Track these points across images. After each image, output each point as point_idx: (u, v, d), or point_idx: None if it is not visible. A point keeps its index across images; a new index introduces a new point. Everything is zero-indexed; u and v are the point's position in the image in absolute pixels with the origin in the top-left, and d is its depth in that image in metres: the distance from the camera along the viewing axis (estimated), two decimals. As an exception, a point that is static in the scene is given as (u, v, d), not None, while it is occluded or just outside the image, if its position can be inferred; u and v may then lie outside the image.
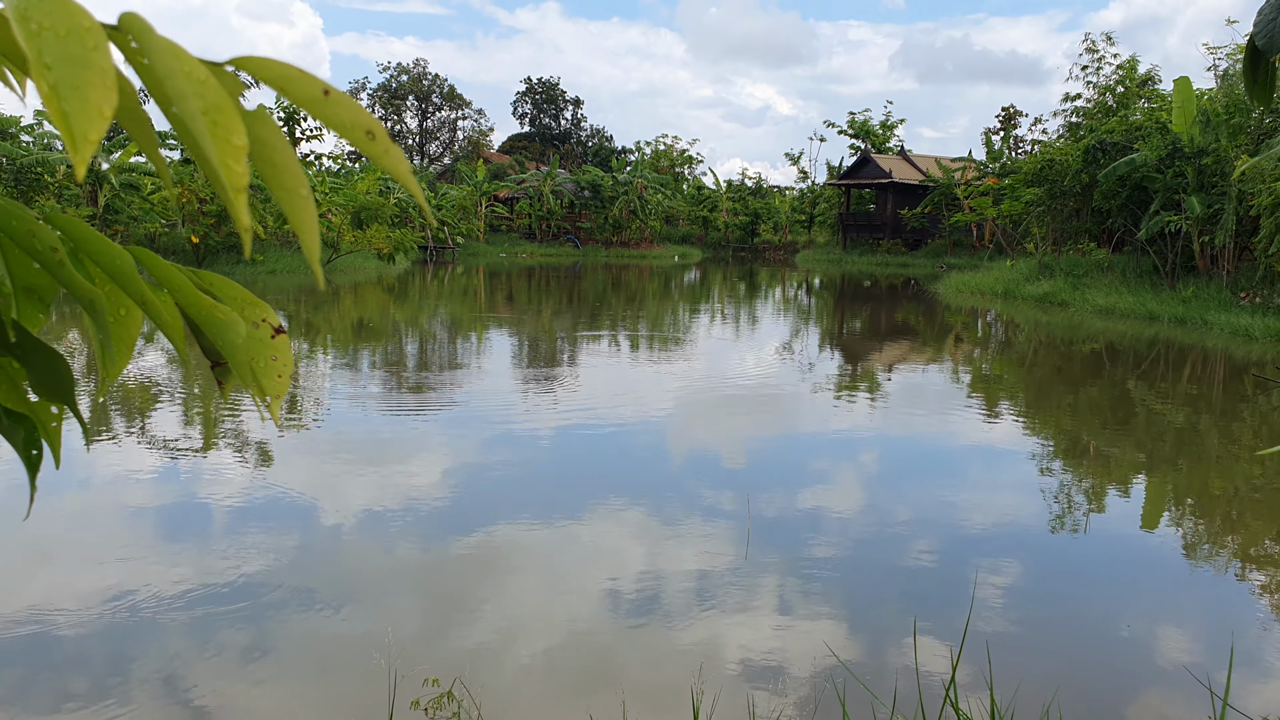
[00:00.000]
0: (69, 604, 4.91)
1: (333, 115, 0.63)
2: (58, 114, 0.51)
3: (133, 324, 0.78)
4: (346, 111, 0.63)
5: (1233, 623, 5.15)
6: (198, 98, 0.56)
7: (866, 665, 4.44)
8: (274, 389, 0.81)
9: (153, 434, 8.74)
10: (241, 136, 0.58)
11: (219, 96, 0.58)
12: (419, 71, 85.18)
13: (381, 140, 0.63)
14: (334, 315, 20.77)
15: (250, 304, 0.80)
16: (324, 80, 0.63)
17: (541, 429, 9.56)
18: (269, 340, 0.81)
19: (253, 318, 0.80)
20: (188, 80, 0.56)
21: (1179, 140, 23.89)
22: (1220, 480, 8.26)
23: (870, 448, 9.28)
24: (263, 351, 0.81)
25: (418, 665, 4.18)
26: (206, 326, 0.75)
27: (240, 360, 0.77)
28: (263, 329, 0.81)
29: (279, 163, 0.63)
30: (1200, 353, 16.89)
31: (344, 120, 0.63)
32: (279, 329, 0.82)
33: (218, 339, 0.76)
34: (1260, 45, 2.43)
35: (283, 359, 0.81)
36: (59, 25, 0.52)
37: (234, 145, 0.57)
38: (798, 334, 20.46)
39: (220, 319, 0.75)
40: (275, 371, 0.81)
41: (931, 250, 52.54)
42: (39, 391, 0.76)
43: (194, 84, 0.57)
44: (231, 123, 0.58)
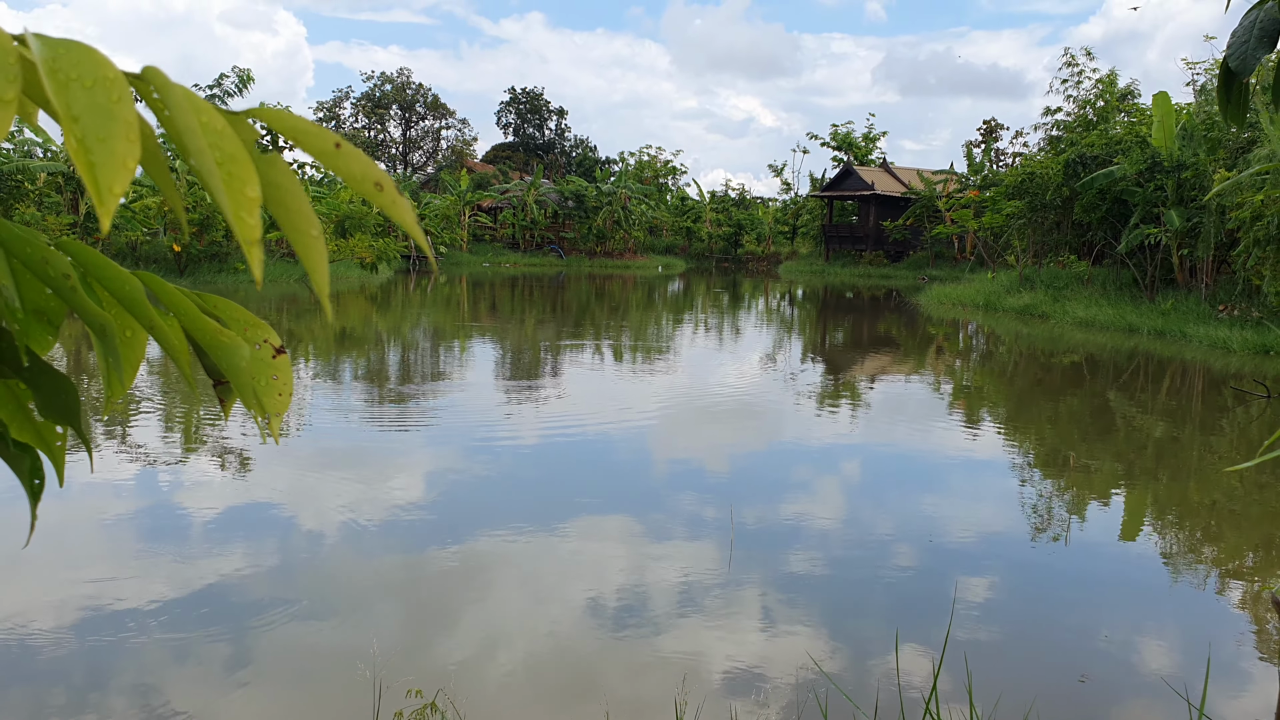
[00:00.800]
0: (50, 615, 4.89)
1: (344, 167, 0.66)
2: (85, 165, 0.54)
3: (138, 346, 0.81)
4: (357, 164, 0.65)
5: (1210, 634, 5.21)
6: (215, 149, 0.59)
7: (849, 675, 4.47)
8: (275, 407, 0.84)
9: (136, 446, 8.71)
10: (255, 189, 0.61)
11: (235, 147, 0.60)
12: (403, 81, 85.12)
13: (389, 192, 0.66)
14: (316, 324, 20.73)
15: (253, 325, 0.83)
16: (335, 134, 0.65)
17: (524, 440, 9.57)
18: (270, 360, 0.84)
19: (255, 339, 0.83)
20: (207, 133, 0.58)
21: (1158, 154, 24.13)
22: (1199, 492, 8.34)
23: (852, 459, 9.33)
24: (264, 371, 0.83)
25: (402, 676, 4.19)
26: (211, 350, 0.78)
27: (243, 382, 0.80)
28: (264, 349, 0.84)
29: (292, 206, 0.66)
30: (1179, 365, 17.04)
31: (354, 172, 0.66)
32: (280, 349, 0.85)
33: (222, 361, 0.78)
34: (1233, 67, 2.49)
35: (284, 378, 0.84)
36: (85, 76, 0.54)
37: (248, 197, 0.60)
38: (781, 345, 20.53)
39: (225, 343, 0.77)
40: (276, 390, 0.84)
41: (913, 262, 52.78)
42: (45, 414, 0.78)
43: (211, 135, 0.59)
44: (246, 174, 0.60)
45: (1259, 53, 2.46)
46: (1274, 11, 2.43)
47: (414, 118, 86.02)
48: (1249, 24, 2.51)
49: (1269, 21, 2.44)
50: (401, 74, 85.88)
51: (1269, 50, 2.44)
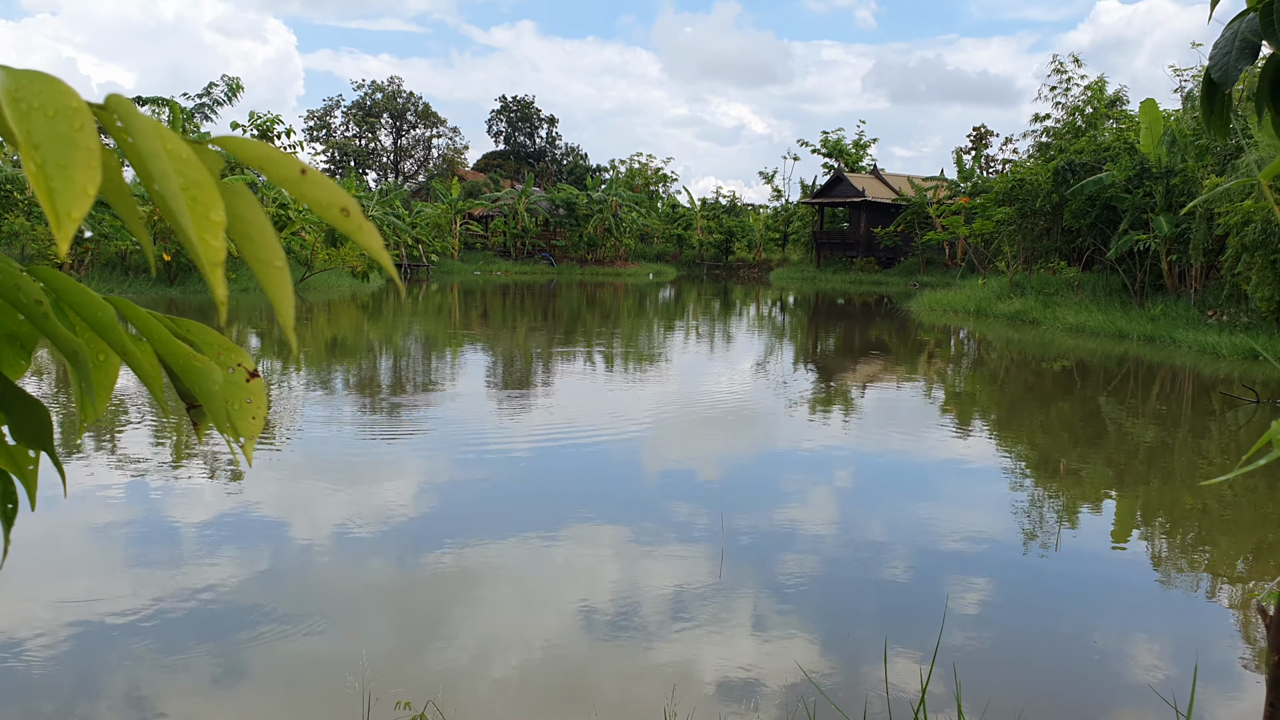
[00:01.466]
0: (38, 625, 4.87)
1: (309, 194, 0.66)
2: (44, 191, 0.54)
3: (111, 369, 0.81)
4: (322, 191, 0.66)
5: (1197, 641, 5.22)
6: (179, 175, 0.59)
7: (840, 684, 4.47)
8: (248, 430, 0.84)
9: (123, 457, 8.67)
10: (219, 213, 0.61)
11: (200, 174, 0.60)
12: (393, 89, 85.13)
13: (355, 217, 0.66)
14: (307, 334, 20.69)
15: (226, 349, 0.83)
16: (301, 160, 0.65)
17: (514, 448, 9.56)
18: (244, 384, 0.84)
19: (228, 362, 0.83)
20: (170, 159, 0.59)
21: (1147, 160, 24.24)
22: (1189, 498, 8.37)
23: (844, 466, 9.33)
24: (238, 395, 0.83)
25: (391, 687, 4.18)
26: (184, 374, 0.78)
27: (216, 406, 0.80)
28: (238, 373, 0.84)
29: (255, 237, 0.66)
30: (1169, 370, 17.10)
31: (320, 199, 0.66)
32: (254, 373, 0.85)
33: (195, 386, 0.78)
34: (1216, 78, 2.50)
35: (257, 402, 0.84)
36: (48, 105, 0.55)
37: (212, 221, 0.60)
38: (773, 352, 20.56)
39: (198, 367, 0.77)
40: (250, 414, 0.84)
41: (904, 268, 52.95)
42: (18, 438, 0.78)
43: (176, 162, 0.59)
44: (210, 199, 0.60)
45: (1241, 64, 2.47)
46: (1255, 24, 2.45)
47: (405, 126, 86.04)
48: (1231, 36, 2.52)
49: (1250, 33, 2.46)
50: (392, 82, 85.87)
51: (1251, 62, 2.45)
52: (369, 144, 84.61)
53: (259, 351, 17.62)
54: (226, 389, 0.82)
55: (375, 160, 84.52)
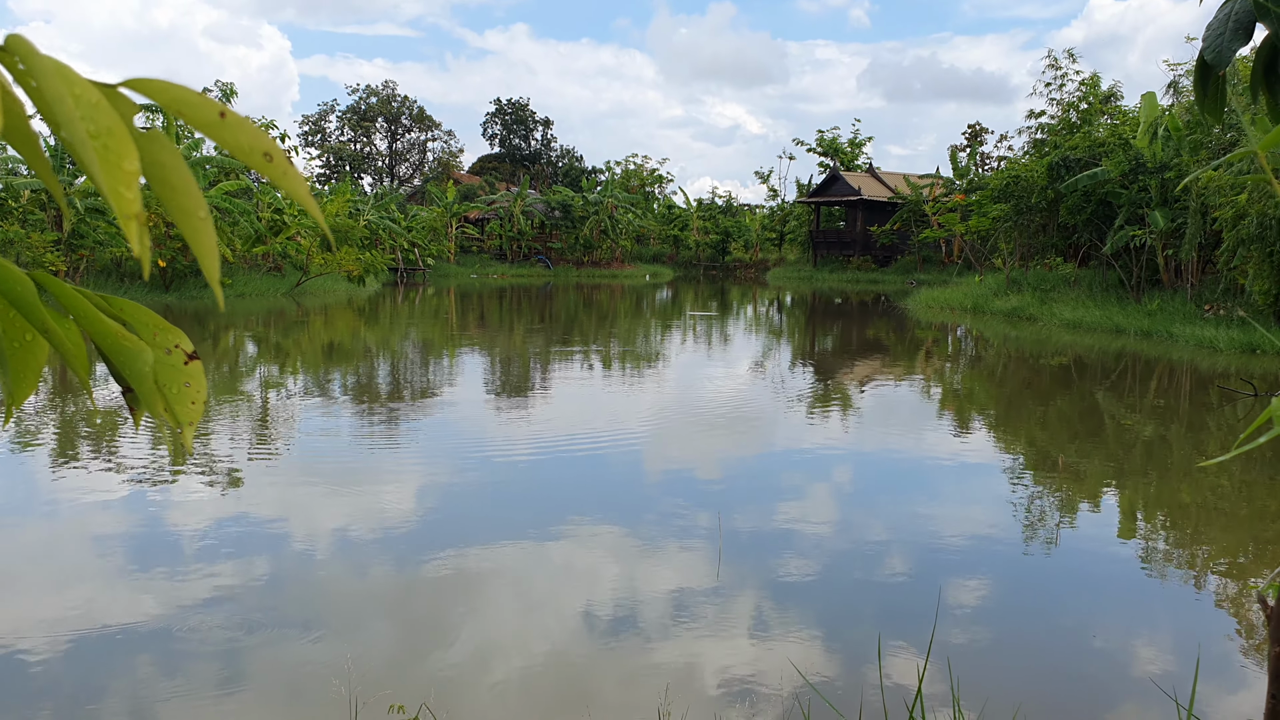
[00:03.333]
0: (28, 630, 4.81)
1: (230, 138, 0.61)
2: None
3: (38, 351, 0.76)
4: (244, 135, 0.61)
5: (1198, 633, 5.18)
6: (88, 121, 0.55)
7: (836, 682, 4.42)
8: (187, 416, 0.79)
9: (114, 460, 8.62)
10: (133, 161, 0.56)
11: (110, 120, 0.56)
12: (388, 93, 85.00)
13: (279, 162, 0.62)
14: (304, 338, 20.63)
15: (162, 329, 0.78)
16: (219, 103, 0.61)
17: (511, 450, 9.51)
18: (182, 367, 0.79)
19: (165, 344, 0.78)
20: (78, 105, 0.54)
21: (1142, 155, 24.21)
22: (1188, 492, 8.33)
23: (842, 465, 9.29)
24: (175, 378, 0.78)
25: (384, 689, 4.13)
26: (113, 354, 0.73)
27: (148, 388, 0.75)
28: (175, 355, 0.79)
29: (176, 185, 0.61)
30: (1166, 365, 17.06)
31: (241, 144, 0.61)
32: (192, 355, 0.80)
33: (124, 367, 0.73)
34: (1209, 60, 2.45)
35: (196, 385, 0.79)
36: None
37: (125, 170, 0.56)
38: (770, 351, 20.51)
39: (127, 347, 0.72)
40: (189, 398, 0.79)
41: (901, 266, 52.92)
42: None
43: (84, 107, 0.55)
44: (124, 147, 0.56)
45: (1235, 45, 2.43)
46: (1249, 4, 2.40)
47: (400, 130, 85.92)
48: (1224, 16, 2.48)
49: (1244, 13, 2.41)
50: (387, 86, 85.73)
51: (1245, 42, 2.41)
52: (364, 148, 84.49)
53: (256, 357, 17.57)
54: (163, 372, 0.77)
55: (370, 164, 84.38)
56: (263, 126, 17.77)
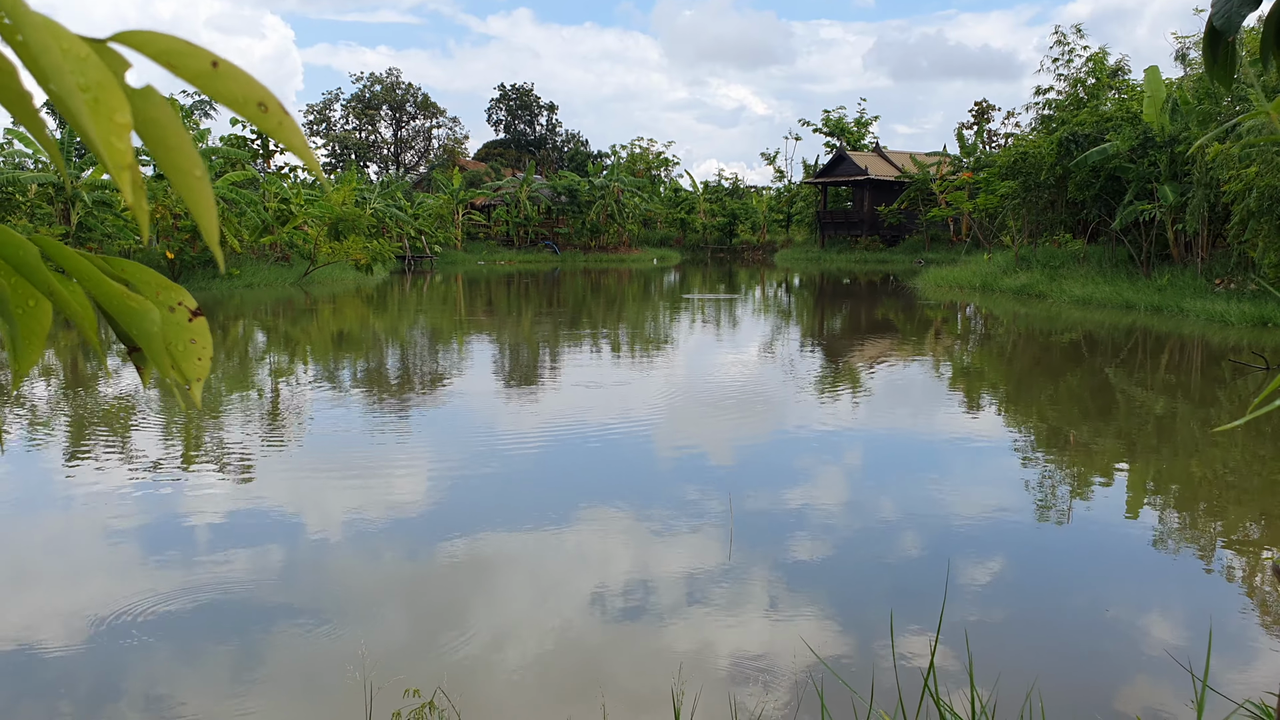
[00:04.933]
0: (40, 621, 4.84)
1: (223, 89, 0.61)
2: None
3: (43, 316, 0.76)
4: (237, 85, 0.60)
5: (1213, 606, 5.16)
6: (78, 75, 0.54)
7: (850, 660, 4.42)
8: (194, 372, 0.79)
9: (126, 449, 8.65)
10: (125, 114, 0.56)
11: (101, 74, 0.55)
12: (392, 81, 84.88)
13: (275, 112, 0.61)
14: (313, 327, 20.67)
15: (165, 288, 0.78)
16: (212, 52, 0.60)
17: (522, 435, 9.52)
18: (186, 324, 0.79)
19: (168, 302, 0.78)
20: (68, 60, 0.54)
21: (1150, 129, 24.05)
22: (1199, 466, 8.30)
23: (853, 445, 9.28)
24: (181, 335, 0.78)
25: (398, 675, 4.15)
26: (119, 315, 0.72)
27: (156, 347, 0.75)
28: (179, 313, 0.78)
29: (171, 143, 0.60)
30: (1177, 340, 16.99)
31: (235, 94, 0.61)
32: (196, 312, 0.80)
33: (131, 327, 0.73)
34: (1218, 26, 2.43)
35: (201, 342, 0.79)
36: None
37: (117, 123, 0.55)
38: (779, 333, 20.48)
39: (133, 307, 0.72)
40: (195, 355, 0.79)
41: (909, 245, 52.77)
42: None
43: (73, 61, 0.54)
44: (115, 100, 0.55)
45: (1244, 10, 2.40)
46: (1258, -34, 2.37)
47: (405, 118, 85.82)
48: (1234, -20, 2.45)
49: (1254, -23, 2.39)
50: (391, 74, 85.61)
51: (1254, 7, 2.38)
52: (369, 136, 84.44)
53: (266, 346, 17.61)
54: (168, 330, 0.77)
55: (376, 153, 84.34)
56: (267, 115, 17.74)
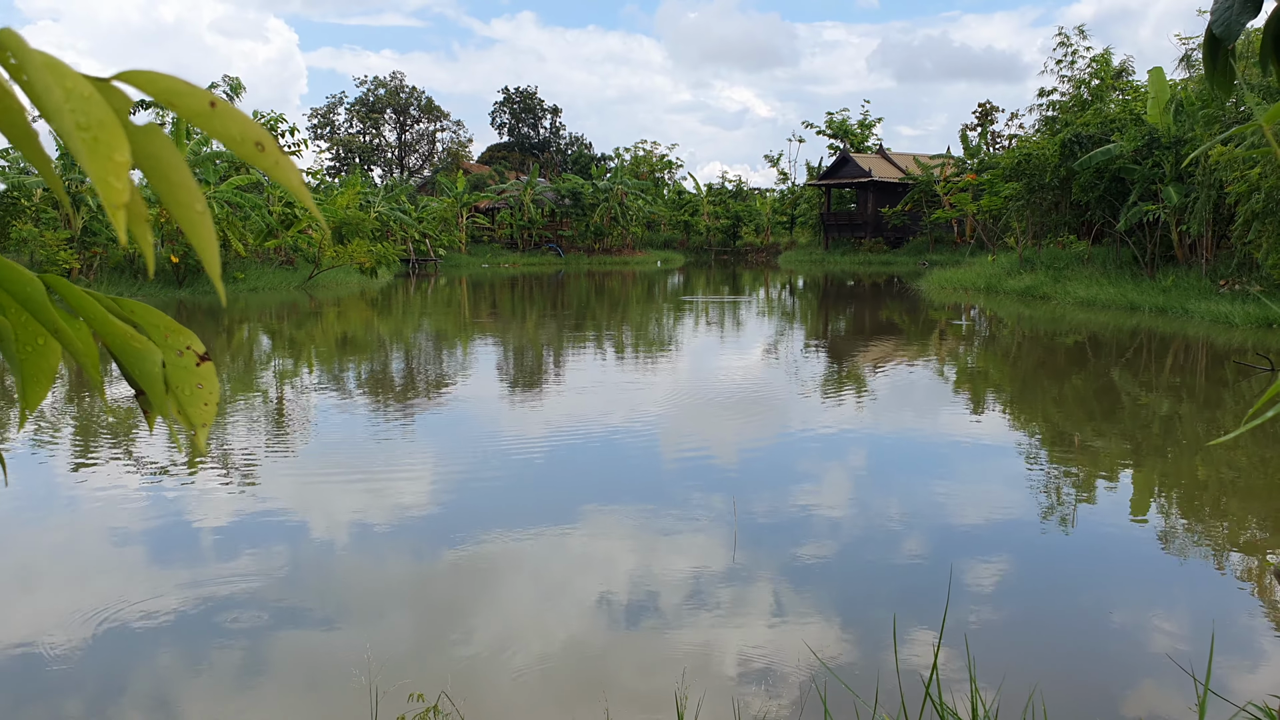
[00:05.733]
0: (49, 625, 4.86)
1: (220, 128, 0.62)
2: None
3: (52, 354, 0.77)
4: (235, 124, 0.62)
5: (1216, 609, 5.16)
6: (80, 114, 0.55)
7: (854, 664, 4.43)
8: (200, 417, 0.80)
9: (132, 455, 8.67)
10: (124, 153, 0.57)
11: (103, 113, 0.57)
12: (396, 84, 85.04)
13: (271, 152, 0.62)
14: (318, 331, 20.70)
15: (174, 331, 0.79)
16: (210, 93, 0.62)
17: (524, 438, 9.53)
18: (194, 368, 0.80)
19: (176, 345, 0.79)
20: (67, 97, 0.55)
21: (1155, 131, 24.03)
22: (1204, 468, 8.29)
23: (857, 447, 9.28)
24: (187, 380, 0.79)
25: (403, 679, 4.16)
26: (122, 355, 0.74)
27: (157, 390, 0.76)
28: (187, 356, 0.80)
29: (174, 179, 0.62)
30: (1182, 341, 16.98)
31: (232, 133, 0.62)
32: (204, 356, 0.81)
33: (134, 368, 0.74)
34: (1218, 34, 2.43)
35: (208, 387, 0.80)
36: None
37: (115, 161, 0.56)
38: (784, 335, 20.49)
39: (136, 348, 0.73)
40: (201, 400, 0.80)
41: (913, 247, 52.75)
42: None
43: (75, 100, 0.56)
44: (114, 139, 0.57)
45: (1244, 18, 2.41)
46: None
47: (408, 121, 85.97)
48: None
49: (1252, -14, 2.39)
50: (395, 78, 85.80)
51: (1254, 15, 2.39)
52: (373, 140, 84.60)
53: (270, 350, 17.64)
54: (175, 374, 0.78)
55: (380, 156, 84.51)
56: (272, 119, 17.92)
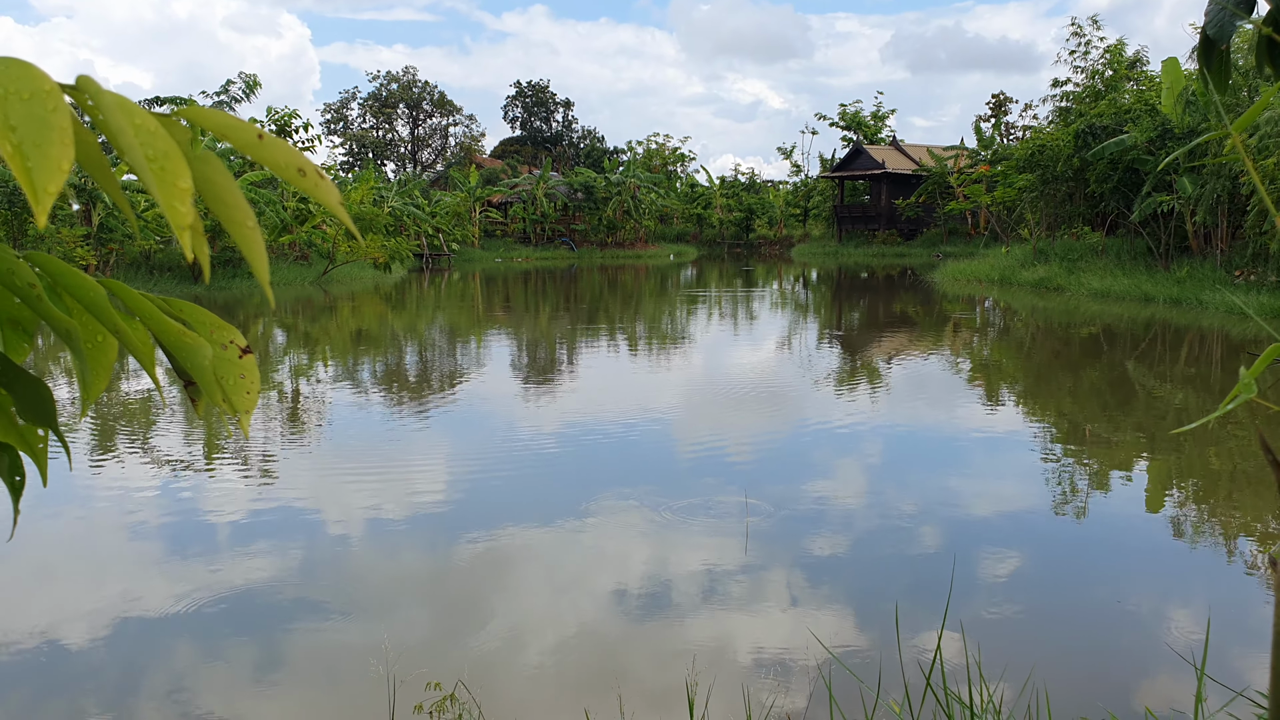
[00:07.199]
0: (67, 616, 4.97)
1: (268, 156, 0.70)
2: (21, 170, 0.58)
3: (109, 349, 0.85)
4: (280, 153, 0.70)
5: (1220, 600, 5.21)
6: (147, 147, 0.63)
7: (862, 653, 4.50)
8: (243, 405, 0.88)
9: (150, 449, 8.79)
10: (186, 180, 0.65)
11: (167, 144, 0.64)
12: (409, 79, 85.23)
13: (311, 176, 0.70)
14: (332, 325, 20.85)
15: (219, 328, 0.87)
16: (258, 127, 0.70)
17: (538, 431, 9.62)
18: (237, 360, 0.88)
19: (221, 340, 0.87)
20: (137, 133, 0.63)
21: (1169, 122, 23.94)
22: (1217, 459, 8.32)
23: (870, 439, 9.34)
24: (231, 371, 0.87)
25: (420, 669, 4.25)
26: (175, 350, 0.82)
27: (208, 380, 0.84)
28: (231, 350, 0.88)
29: (229, 201, 0.70)
30: (1197, 332, 16.96)
31: (278, 160, 0.70)
32: (246, 349, 0.89)
33: (186, 362, 0.82)
34: (1212, 34, 2.49)
35: (250, 377, 0.88)
36: (23, 89, 0.59)
37: (179, 188, 0.64)
38: (797, 328, 20.53)
39: (188, 344, 0.81)
40: (244, 389, 0.88)
41: (927, 239, 52.65)
42: (25, 417, 0.82)
43: (144, 135, 0.64)
44: (178, 168, 0.65)
45: (1237, 19, 2.46)
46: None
47: (421, 116, 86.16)
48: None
49: (1248, -15, 2.44)
50: (407, 72, 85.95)
51: (1248, 15, 2.44)
52: (386, 135, 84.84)
53: (286, 344, 17.79)
54: (220, 365, 0.86)
55: (393, 151, 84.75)
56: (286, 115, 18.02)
